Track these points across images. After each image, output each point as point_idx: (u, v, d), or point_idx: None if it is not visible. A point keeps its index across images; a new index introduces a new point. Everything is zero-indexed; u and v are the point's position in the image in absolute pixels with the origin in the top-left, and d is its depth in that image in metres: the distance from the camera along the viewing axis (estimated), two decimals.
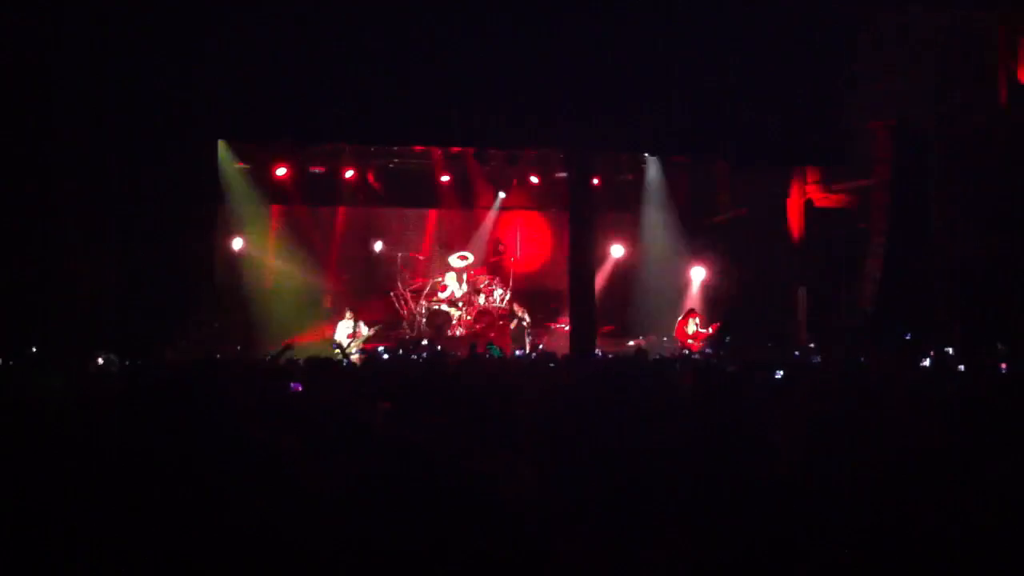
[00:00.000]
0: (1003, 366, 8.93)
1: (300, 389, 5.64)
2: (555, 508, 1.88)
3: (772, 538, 2.07)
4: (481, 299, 17.34)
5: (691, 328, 14.87)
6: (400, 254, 17.49)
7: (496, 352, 12.87)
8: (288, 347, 9.88)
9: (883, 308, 13.58)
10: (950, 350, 11.17)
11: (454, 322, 17.08)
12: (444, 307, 17.15)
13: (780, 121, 11.85)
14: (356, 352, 13.92)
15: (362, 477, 3.11)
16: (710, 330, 15.01)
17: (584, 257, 11.80)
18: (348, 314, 14.80)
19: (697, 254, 17.18)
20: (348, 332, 14.55)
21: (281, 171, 16.34)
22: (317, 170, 16.72)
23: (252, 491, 1.98)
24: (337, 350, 13.58)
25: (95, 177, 11.32)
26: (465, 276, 17.55)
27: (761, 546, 2.03)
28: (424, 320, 16.96)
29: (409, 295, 17.30)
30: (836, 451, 3.45)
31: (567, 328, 13.79)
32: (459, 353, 11.32)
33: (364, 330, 14.73)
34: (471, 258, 17.83)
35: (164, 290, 11.31)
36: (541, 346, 15.11)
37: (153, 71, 10.54)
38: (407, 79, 10.94)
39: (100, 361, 9.03)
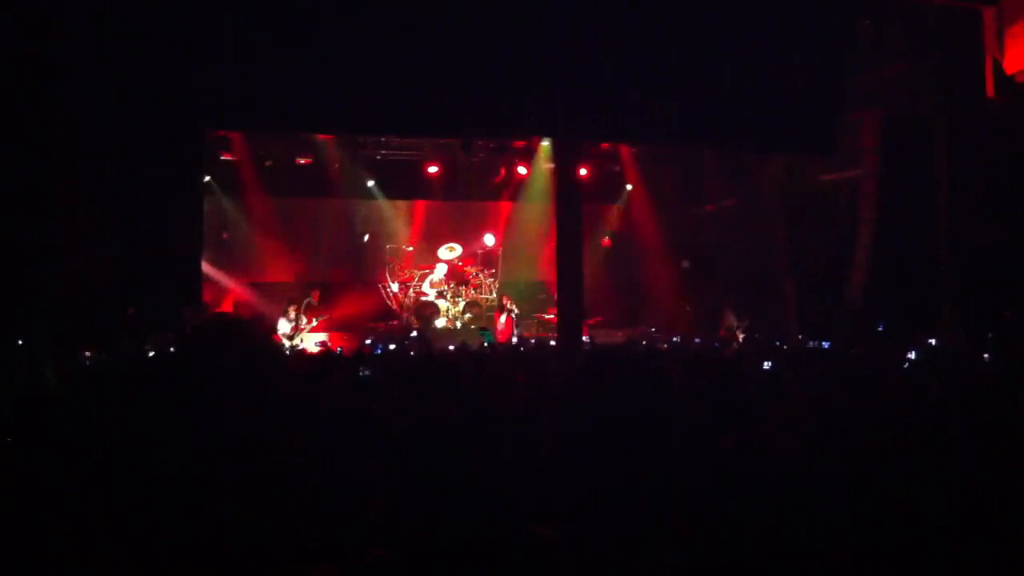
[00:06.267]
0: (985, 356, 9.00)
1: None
2: (552, 503, 1.88)
3: (771, 533, 2.09)
4: (470, 290, 17.36)
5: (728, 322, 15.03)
6: (388, 246, 17.46)
7: (488, 338, 12.86)
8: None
9: (874, 301, 13.65)
10: (934, 341, 11.23)
11: (442, 313, 17.09)
12: (432, 298, 17.16)
13: (772, 109, 11.83)
14: (299, 344, 14.04)
15: (357, 470, 3.12)
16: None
17: (571, 248, 11.77)
18: (290, 309, 14.86)
19: (686, 244, 17.22)
20: (291, 326, 14.65)
21: (268, 162, 16.32)
22: (304, 161, 16.67)
23: (250, 486, 1.97)
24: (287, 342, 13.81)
25: (81, 170, 11.25)
26: (453, 267, 17.57)
27: (760, 541, 2.05)
28: (413, 311, 16.97)
29: (398, 286, 17.30)
30: (830, 442, 3.47)
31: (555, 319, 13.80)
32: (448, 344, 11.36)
33: (304, 322, 14.82)
34: (459, 249, 17.82)
35: (152, 283, 11.27)
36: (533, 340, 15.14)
37: (138, 61, 10.46)
38: (395, 69, 10.89)
39: (88, 354, 9.02)
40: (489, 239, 18.12)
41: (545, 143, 15.87)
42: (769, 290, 15.61)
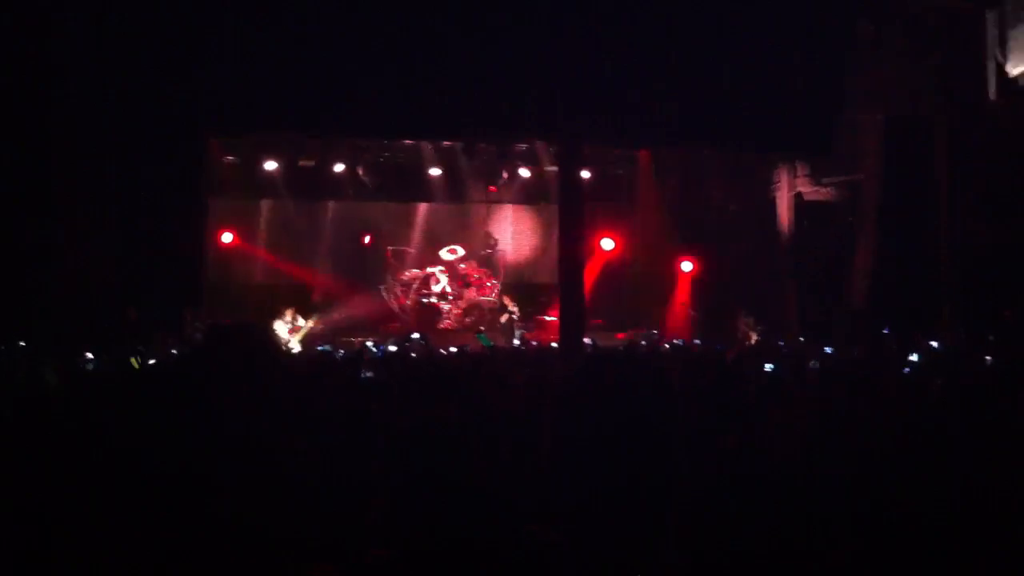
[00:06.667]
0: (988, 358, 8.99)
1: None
2: (552, 503, 1.88)
3: (771, 533, 2.09)
4: (472, 293, 17.37)
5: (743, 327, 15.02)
6: (390, 248, 17.45)
7: (486, 342, 12.87)
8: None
9: (875, 302, 13.64)
10: (935, 343, 11.22)
11: (444, 315, 17.09)
12: (434, 300, 17.16)
13: (772, 110, 11.83)
14: (297, 346, 14.04)
15: (357, 470, 3.12)
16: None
17: (573, 250, 11.77)
18: (287, 313, 14.82)
19: (687, 248, 17.20)
20: (288, 328, 14.63)
21: (270, 165, 16.30)
22: (306, 164, 16.68)
23: (250, 486, 1.97)
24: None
25: (81, 170, 11.26)
26: (455, 270, 17.57)
27: (760, 541, 2.05)
28: (414, 314, 16.97)
29: (399, 289, 17.29)
30: (830, 442, 3.47)
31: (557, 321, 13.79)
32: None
33: (301, 323, 14.82)
34: (461, 252, 17.82)
35: (153, 285, 11.28)
36: (534, 342, 15.13)
37: (138, 62, 10.47)
38: (396, 72, 10.90)
39: (90, 355, 9.02)
40: (492, 241, 18.13)
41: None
42: (770, 291, 15.60)
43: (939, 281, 13.44)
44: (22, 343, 9.44)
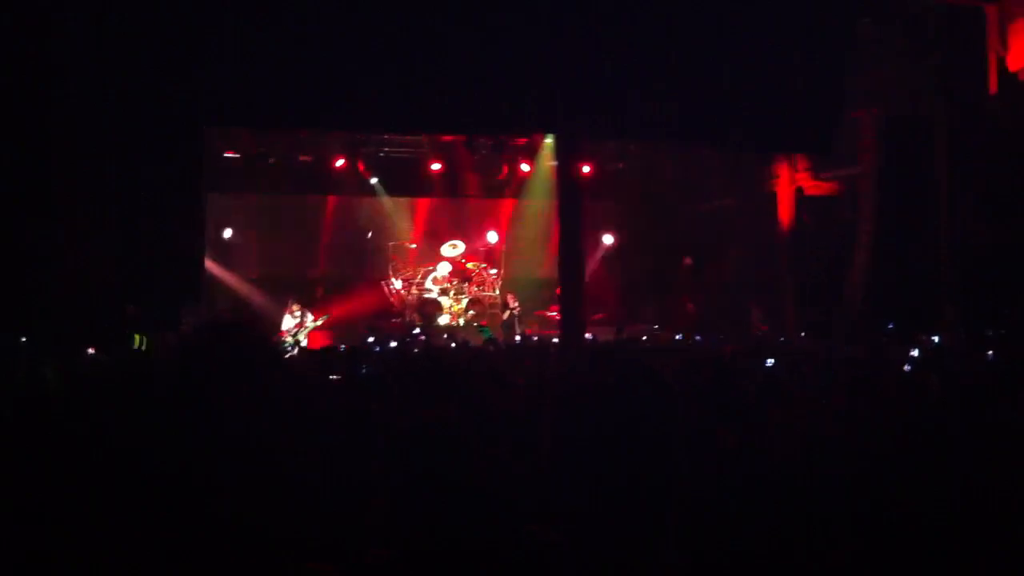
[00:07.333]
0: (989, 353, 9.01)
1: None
2: (552, 503, 1.88)
3: (771, 533, 2.09)
4: (472, 288, 17.39)
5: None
6: (391, 243, 17.48)
7: (488, 335, 12.91)
8: None
9: (875, 301, 13.65)
10: (936, 338, 11.24)
11: (445, 310, 17.11)
12: (435, 295, 17.18)
13: (771, 109, 11.83)
14: (303, 341, 14.06)
15: (357, 470, 3.11)
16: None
17: (573, 245, 11.79)
18: (295, 306, 14.85)
19: (686, 243, 17.22)
20: (296, 322, 14.65)
21: (271, 160, 16.32)
22: (306, 159, 16.69)
23: (250, 486, 1.97)
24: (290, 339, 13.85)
25: (81, 170, 11.24)
26: (456, 265, 17.59)
27: (760, 541, 2.05)
28: (415, 309, 16.99)
29: (400, 284, 17.31)
30: (830, 442, 3.47)
31: (557, 316, 13.82)
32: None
33: (309, 320, 14.83)
34: (462, 246, 17.83)
35: (153, 284, 11.26)
36: (535, 337, 15.15)
37: (138, 61, 10.46)
38: (396, 67, 10.90)
39: (91, 351, 9.03)
40: (492, 236, 18.14)
41: (548, 140, 15.90)
42: (768, 289, 15.62)
43: (939, 281, 13.44)
44: (23, 339, 9.44)
